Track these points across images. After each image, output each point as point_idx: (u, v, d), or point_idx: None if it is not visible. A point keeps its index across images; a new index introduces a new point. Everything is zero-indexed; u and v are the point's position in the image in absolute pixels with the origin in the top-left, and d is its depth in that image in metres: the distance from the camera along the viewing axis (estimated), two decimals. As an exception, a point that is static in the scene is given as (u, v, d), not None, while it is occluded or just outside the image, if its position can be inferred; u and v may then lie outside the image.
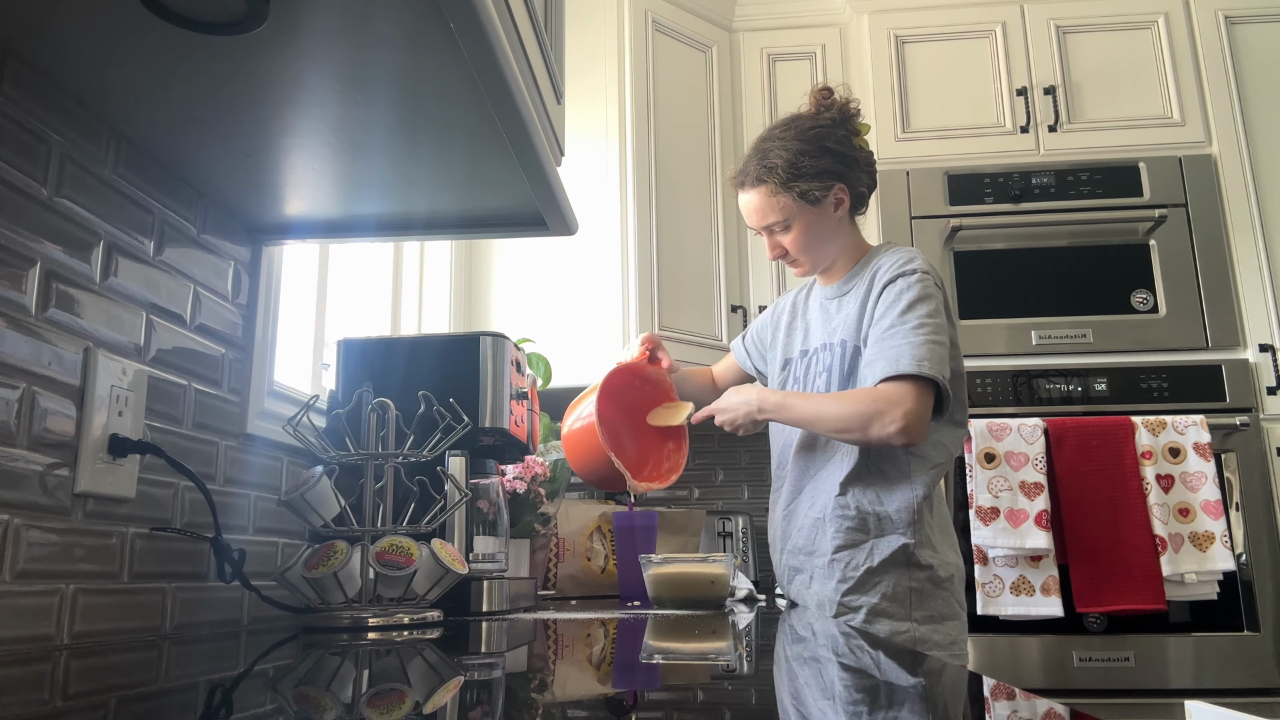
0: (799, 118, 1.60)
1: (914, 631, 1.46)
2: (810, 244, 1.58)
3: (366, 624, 1.13)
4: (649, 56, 2.65)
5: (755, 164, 1.57)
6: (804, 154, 1.53)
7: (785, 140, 1.55)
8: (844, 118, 1.58)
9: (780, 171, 1.53)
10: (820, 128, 1.56)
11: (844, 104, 1.59)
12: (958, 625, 1.52)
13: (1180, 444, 2.23)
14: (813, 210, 1.56)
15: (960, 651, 1.52)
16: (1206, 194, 2.49)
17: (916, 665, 0.76)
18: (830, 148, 1.55)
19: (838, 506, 1.52)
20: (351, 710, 0.55)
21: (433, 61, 0.92)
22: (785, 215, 1.56)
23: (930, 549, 1.50)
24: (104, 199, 1.03)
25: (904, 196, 2.55)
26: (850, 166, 1.57)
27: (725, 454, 2.95)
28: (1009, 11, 2.70)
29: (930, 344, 1.42)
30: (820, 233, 1.58)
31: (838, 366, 1.56)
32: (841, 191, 1.57)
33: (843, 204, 1.58)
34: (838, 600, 1.50)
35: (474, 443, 1.49)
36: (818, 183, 1.54)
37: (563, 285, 2.54)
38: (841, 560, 1.51)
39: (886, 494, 1.50)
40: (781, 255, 1.63)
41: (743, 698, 0.59)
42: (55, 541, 0.94)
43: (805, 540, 1.58)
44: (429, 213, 1.34)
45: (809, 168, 1.53)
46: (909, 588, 1.47)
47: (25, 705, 0.57)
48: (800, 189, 1.54)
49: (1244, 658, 2.19)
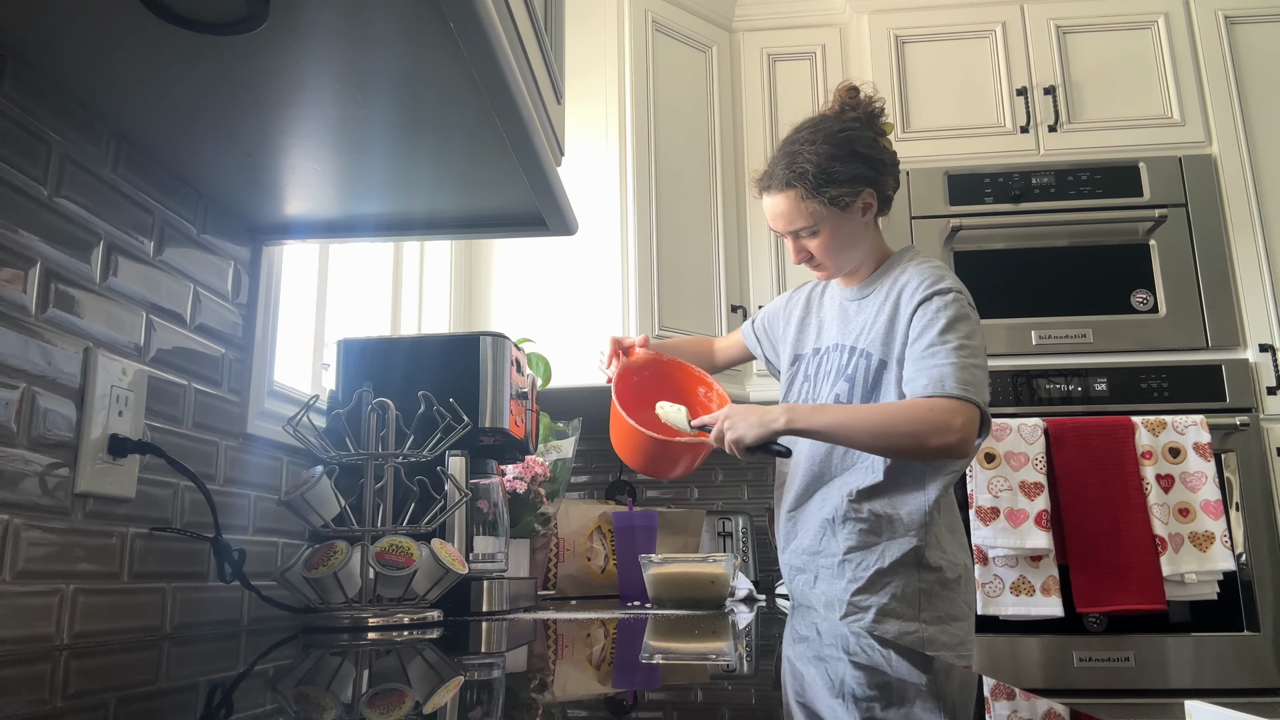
0: (825, 119, 1.56)
1: (922, 632, 1.46)
2: (838, 249, 1.56)
3: (366, 624, 1.13)
4: (649, 56, 2.65)
5: (783, 168, 1.54)
6: (835, 159, 1.51)
7: (815, 144, 1.52)
8: (870, 118, 1.56)
9: (811, 177, 1.51)
10: (849, 130, 1.53)
11: (869, 103, 1.56)
12: (965, 626, 1.52)
13: (1180, 444, 2.23)
14: (841, 215, 1.54)
15: (967, 653, 1.51)
16: (1206, 194, 2.49)
17: (924, 668, 0.76)
18: (860, 152, 1.53)
19: (851, 510, 1.51)
20: (351, 710, 0.55)
21: (433, 61, 0.92)
22: (813, 221, 1.54)
23: (939, 549, 1.50)
24: (104, 199, 1.03)
25: (904, 196, 2.55)
26: (880, 171, 1.55)
27: (725, 454, 2.94)
28: (1009, 11, 2.70)
29: (972, 368, 1.42)
30: (847, 238, 1.56)
31: (861, 378, 1.54)
32: (870, 196, 1.55)
33: (870, 209, 1.56)
34: (847, 600, 1.49)
35: (474, 443, 1.49)
36: (848, 188, 1.52)
37: (563, 285, 2.53)
38: (852, 561, 1.50)
39: (900, 499, 1.50)
40: (806, 259, 1.60)
41: (743, 697, 0.59)
42: (55, 541, 0.94)
43: (812, 541, 1.57)
44: (429, 213, 1.34)
45: (840, 173, 1.51)
46: (918, 589, 1.47)
47: (25, 705, 0.57)
48: (830, 194, 1.51)
49: (1244, 658, 2.19)
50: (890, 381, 1.51)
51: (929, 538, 1.49)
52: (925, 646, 1.45)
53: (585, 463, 2.90)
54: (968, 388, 1.39)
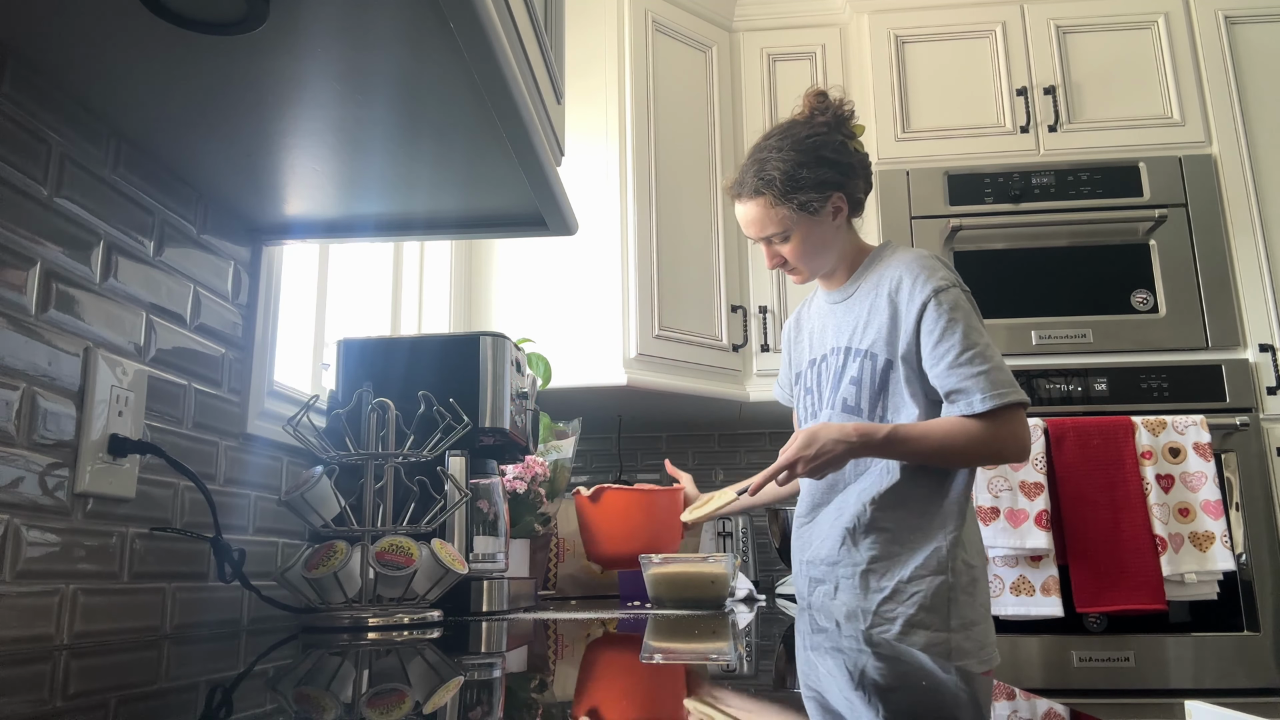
0: (794, 125, 1.59)
1: (950, 641, 1.46)
2: (809, 253, 1.58)
3: (366, 624, 1.13)
4: (649, 56, 2.65)
5: (752, 175, 1.56)
6: (801, 165, 1.53)
7: (782, 151, 1.55)
8: (839, 121, 1.58)
9: (779, 184, 1.53)
10: (816, 136, 1.56)
11: (838, 106, 1.59)
12: (985, 629, 1.51)
13: (1180, 444, 2.23)
14: (811, 220, 1.56)
15: (990, 655, 1.51)
16: (1206, 194, 2.49)
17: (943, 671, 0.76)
18: (827, 157, 1.55)
19: (874, 519, 1.50)
20: (351, 710, 0.55)
21: (433, 61, 0.92)
22: (784, 226, 1.56)
23: (962, 550, 1.50)
24: (104, 199, 1.03)
25: (904, 196, 2.55)
26: (848, 174, 1.57)
27: (725, 454, 2.95)
28: (1009, 11, 2.70)
29: (1000, 368, 1.46)
30: (819, 241, 1.58)
31: (868, 380, 1.54)
32: (840, 200, 1.57)
33: (841, 212, 1.58)
34: (873, 610, 1.48)
35: (474, 443, 1.49)
36: (816, 193, 1.54)
37: (563, 285, 2.53)
38: (876, 572, 1.50)
39: (921, 504, 1.50)
40: (780, 264, 1.62)
41: (743, 696, 0.59)
42: (55, 541, 0.94)
43: (830, 551, 1.56)
44: (429, 213, 1.34)
45: (807, 179, 1.53)
46: (946, 597, 1.46)
47: (25, 705, 0.57)
48: (799, 200, 1.54)
49: (1244, 658, 2.19)
50: (899, 381, 1.51)
51: (952, 542, 1.48)
52: (953, 656, 1.45)
53: (585, 463, 2.90)
54: (1010, 392, 1.44)
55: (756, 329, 2.66)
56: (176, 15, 0.83)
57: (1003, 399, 1.43)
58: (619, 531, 1.88)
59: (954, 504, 1.50)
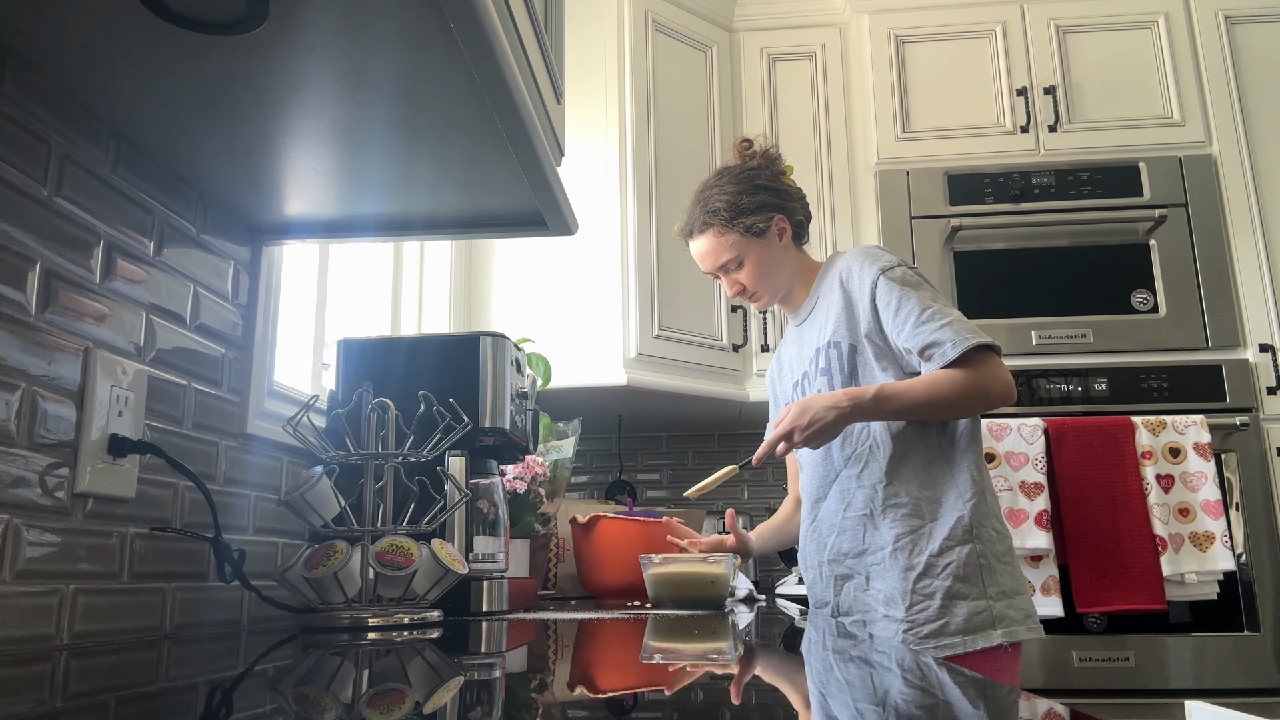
0: (728, 167, 1.73)
1: (991, 609, 1.46)
2: (764, 275, 1.68)
3: (366, 624, 1.13)
4: (649, 56, 2.65)
5: (699, 211, 1.69)
6: (741, 193, 1.66)
7: (722, 186, 1.68)
8: (769, 161, 1.72)
9: (724, 212, 1.65)
10: (749, 170, 1.70)
11: (765, 150, 1.73)
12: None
13: (1180, 444, 2.23)
14: (760, 242, 1.67)
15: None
16: (1206, 194, 2.49)
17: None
18: (763, 184, 1.68)
19: (888, 497, 1.52)
20: (351, 710, 0.55)
21: (433, 61, 0.92)
22: (736, 251, 1.66)
23: (987, 517, 1.51)
24: (104, 199, 1.03)
25: (904, 196, 2.55)
26: (784, 199, 1.70)
27: (725, 454, 2.95)
28: (1009, 11, 2.70)
29: (963, 320, 1.51)
30: (771, 263, 1.68)
31: (837, 367, 1.58)
32: (782, 222, 1.68)
33: (785, 233, 1.69)
34: (910, 589, 1.48)
35: (474, 443, 1.49)
36: (759, 215, 1.66)
37: (563, 285, 2.53)
38: (905, 548, 1.49)
39: (926, 473, 1.52)
40: (740, 292, 1.71)
41: (744, 697, 0.59)
42: (55, 541, 0.94)
43: (850, 543, 1.56)
44: (429, 213, 1.34)
45: (748, 204, 1.66)
46: (978, 564, 1.47)
47: (25, 705, 0.57)
48: (744, 224, 1.65)
49: (1244, 658, 2.19)
50: (867, 360, 1.56)
51: (974, 509, 1.50)
52: (996, 624, 1.45)
53: (585, 463, 2.90)
54: (974, 335, 1.48)
55: (756, 329, 2.66)
56: (176, 15, 0.83)
57: (974, 340, 1.47)
58: (614, 563, 1.88)
59: (964, 471, 1.51)
